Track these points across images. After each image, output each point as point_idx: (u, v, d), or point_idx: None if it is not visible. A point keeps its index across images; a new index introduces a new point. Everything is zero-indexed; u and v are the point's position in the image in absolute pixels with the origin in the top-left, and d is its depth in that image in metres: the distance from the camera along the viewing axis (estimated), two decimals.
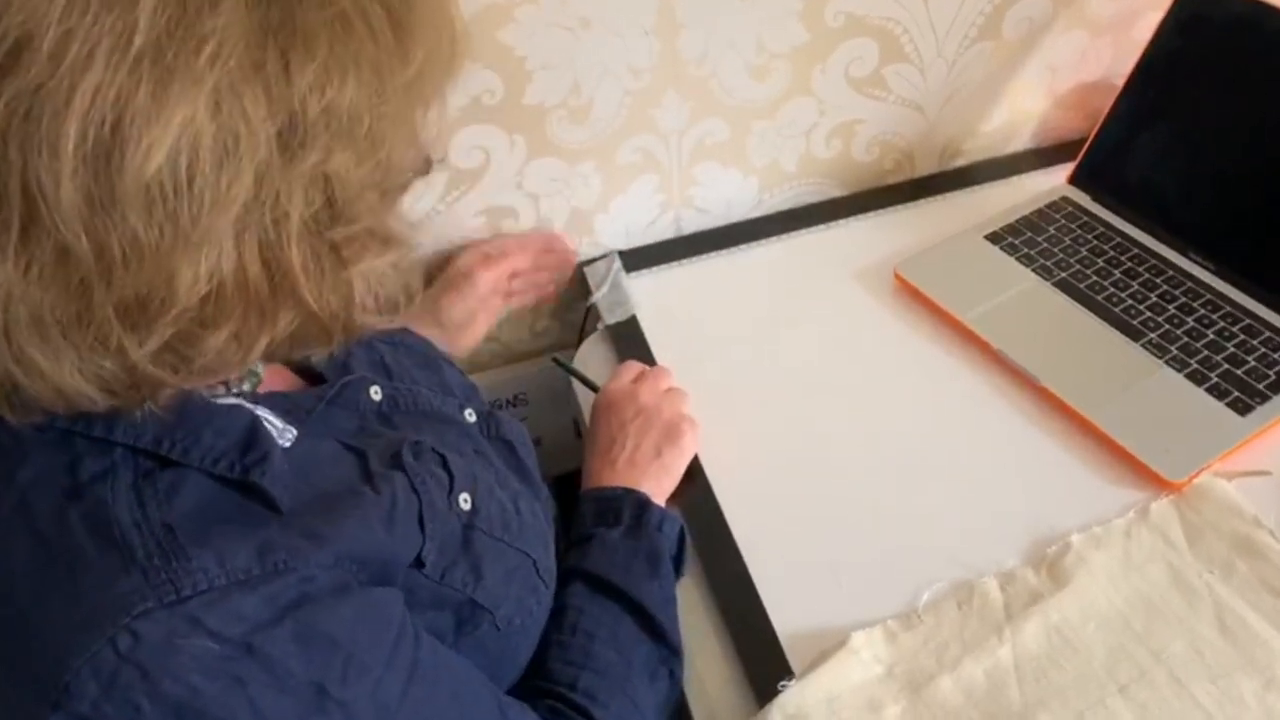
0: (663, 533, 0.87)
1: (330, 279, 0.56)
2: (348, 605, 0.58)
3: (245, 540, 0.56)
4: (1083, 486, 0.93)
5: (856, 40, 1.17)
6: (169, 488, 0.56)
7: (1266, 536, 0.85)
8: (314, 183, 0.53)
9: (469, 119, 1.07)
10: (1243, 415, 0.94)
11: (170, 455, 0.57)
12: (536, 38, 1.03)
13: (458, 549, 0.69)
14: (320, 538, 0.59)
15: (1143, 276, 1.09)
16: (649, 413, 0.96)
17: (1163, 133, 1.15)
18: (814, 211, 1.28)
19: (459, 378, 0.91)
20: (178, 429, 0.58)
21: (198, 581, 0.53)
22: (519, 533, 0.75)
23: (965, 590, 0.84)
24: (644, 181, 1.22)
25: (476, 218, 1.16)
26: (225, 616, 0.53)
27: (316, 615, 0.56)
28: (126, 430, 0.57)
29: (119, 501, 0.55)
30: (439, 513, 0.68)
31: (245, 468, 0.59)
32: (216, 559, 0.54)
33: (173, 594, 0.52)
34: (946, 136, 1.32)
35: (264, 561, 0.56)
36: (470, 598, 0.69)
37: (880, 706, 0.78)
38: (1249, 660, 0.78)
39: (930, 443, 0.98)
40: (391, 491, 0.66)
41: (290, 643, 0.55)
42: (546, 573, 0.78)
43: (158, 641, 0.51)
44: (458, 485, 0.71)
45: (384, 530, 0.63)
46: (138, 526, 0.54)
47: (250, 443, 0.60)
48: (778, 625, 0.85)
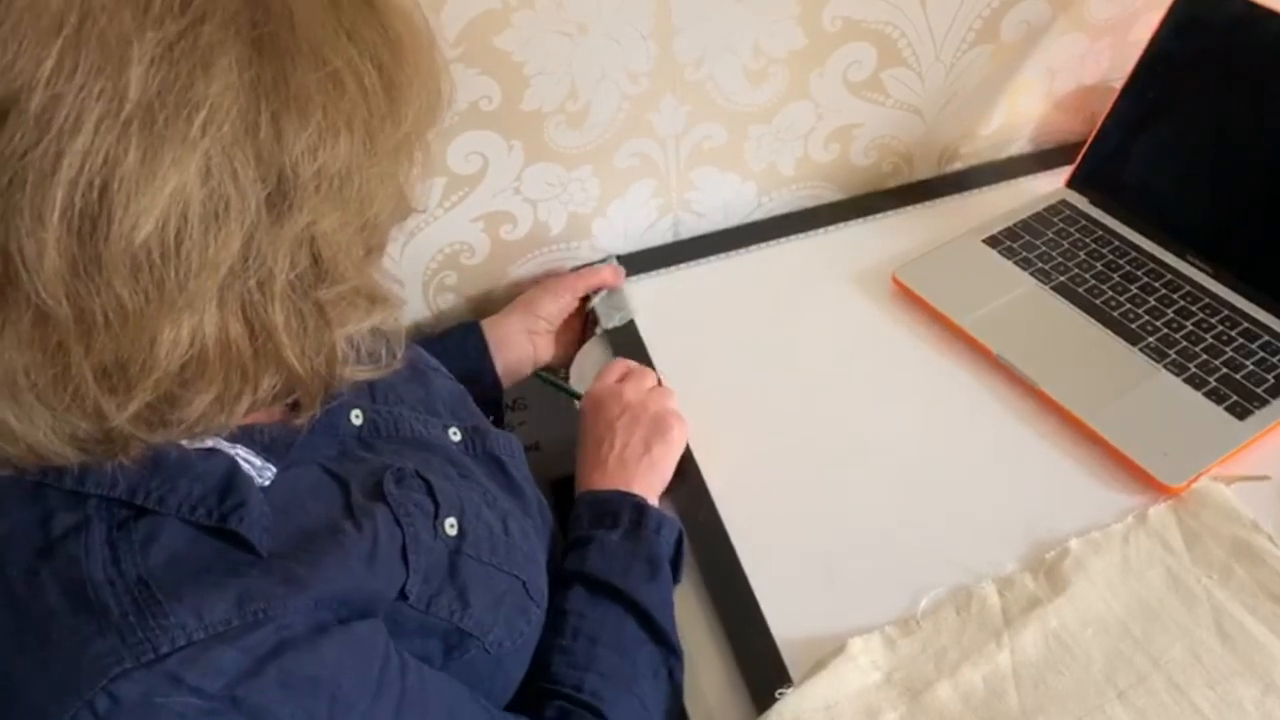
0: (660, 536, 0.87)
1: (314, 339, 0.55)
2: (328, 645, 0.58)
3: (223, 590, 0.55)
4: (1081, 491, 0.93)
5: (854, 44, 1.17)
6: (145, 537, 0.55)
7: (1265, 541, 0.85)
8: (301, 244, 0.52)
9: (467, 125, 1.07)
10: (1241, 419, 0.94)
11: (146, 505, 0.56)
12: (533, 43, 1.03)
13: (444, 577, 0.69)
14: (299, 582, 0.58)
15: (1141, 280, 1.09)
16: (635, 409, 0.96)
17: (1161, 136, 1.15)
18: (812, 215, 1.28)
19: (448, 388, 0.90)
20: (153, 478, 0.57)
21: (175, 638, 0.52)
22: (507, 555, 0.74)
23: (963, 596, 0.84)
24: (642, 186, 1.22)
25: (474, 223, 1.16)
26: (205, 671, 0.52)
27: (298, 659, 0.56)
28: (99, 481, 0.55)
29: (92, 558, 0.54)
30: (423, 544, 0.67)
31: (223, 515, 0.57)
32: (194, 613, 0.53)
33: (150, 653, 0.51)
34: (945, 140, 1.32)
35: (243, 612, 0.54)
36: (457, 626, 0.68)
37: (878, 713, 0.78)
38: (1248, 665, 0.78)
39: (928, 447, 0.98)
40: (374, 528, 0.64)
41: (274, 690, 0.54)
42: (537, 593, 0.77)
43: (136, 701, 0.50)
44: (443, 510, 0.70)
45: (365, 569, 0.62)
46: (111, 584, 0.53)
47: (228, 488, 0.58)
48: (776, 632, 0.84)
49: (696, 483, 0.97)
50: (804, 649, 0.83)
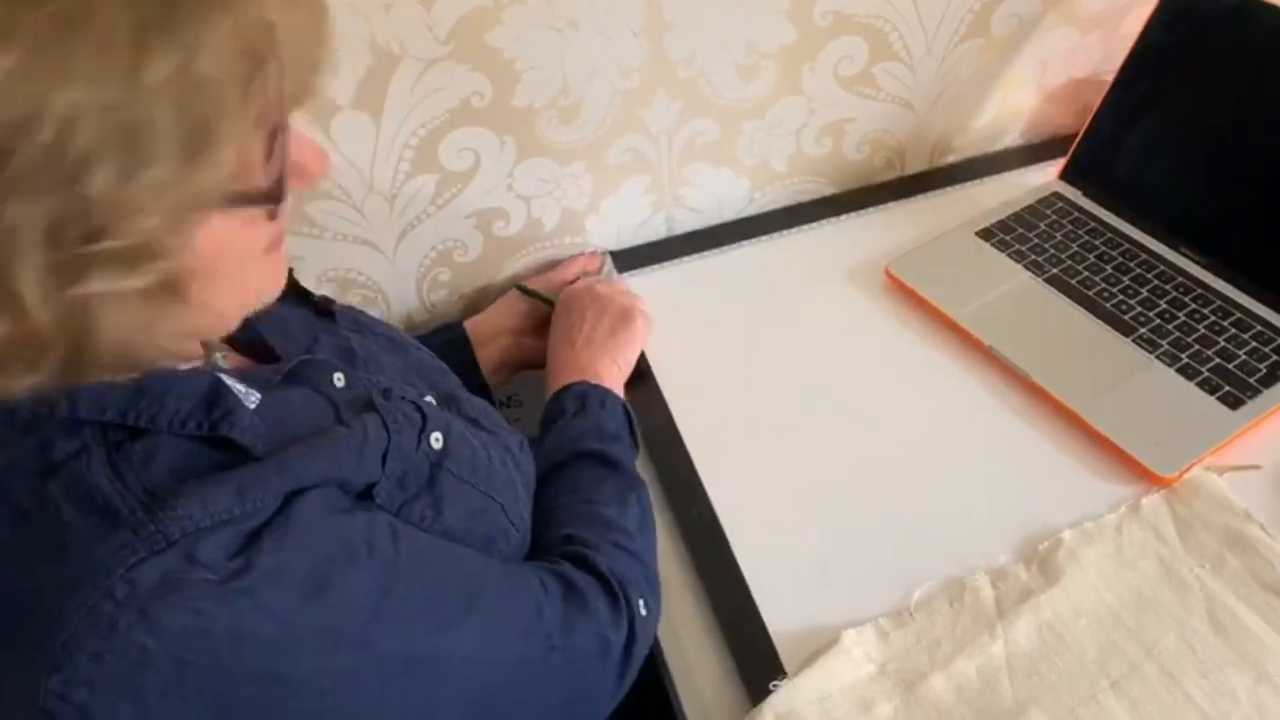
0: (605, 409, 0.93)
1: (52, 295, 0.50)
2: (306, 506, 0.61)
3: (225, 484, 0.57)
4: (1074, 482, 0.93)
5: (845, 39, 1.17)
6: (144, 456, 0.57)
7: (1257, 531, 0.85)
8: (47, 188, 0.47)
9: (458, 121, 1.07)
10: (1234, 409, 0.94)
11: (138, 424, 0.58)
12: (525, 39, 1.03)
13: (422, 485, 0.71)
14: (294, 470, 0.61)
15: (1134, 271, 1.09)
16: (604, 300, 1.07)
17: (1153, 127, 1.15)
18: (805, 210, 1.28)
19: (428, 360, 0.93)
20: (141, 399, 0.58)
21: (185, 525, 0.54)
22: (487, 477, 0.76)
23: (957, 588, 0.84)
24: (634, 182, 1.22)
25: (467, 220, 1.16)
26: (214, 550, 0.55)
27: (299, 522, 0.59)
28: (90, 407, 0.57)
29: (96, 473, 0.56)
30: (404, 453, 0.70)
31: (214, 424, 0.60)
32: (200, 504, 0.55)
33: (162, 541, 0.53)
34: (937, 134, 1.32)
35: (244, 501, 0.57)
36: (427, 531, 0.70)
37: (872, 705, 0.78)
38: (1240, 655, 0.78)
39: (922, 440, 0.98)
40: (363, 426, 0.68)
41: (282, 542, 0.58)
42: (516, 516, 0.79)
43: (155, 583, 0.53)
44: (430, 424, 0.73)
45: (355, 459, 0.66)
46: (120, 493, 0.55)
47: (214, 400, 0.60)
48: (770, 624, 0.85)
49: (690, 476, 0.97)
50: (798, 641, 0.83)
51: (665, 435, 1.01)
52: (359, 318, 0.91)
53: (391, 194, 1.10)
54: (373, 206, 1.10)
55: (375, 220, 1.12)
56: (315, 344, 0.80)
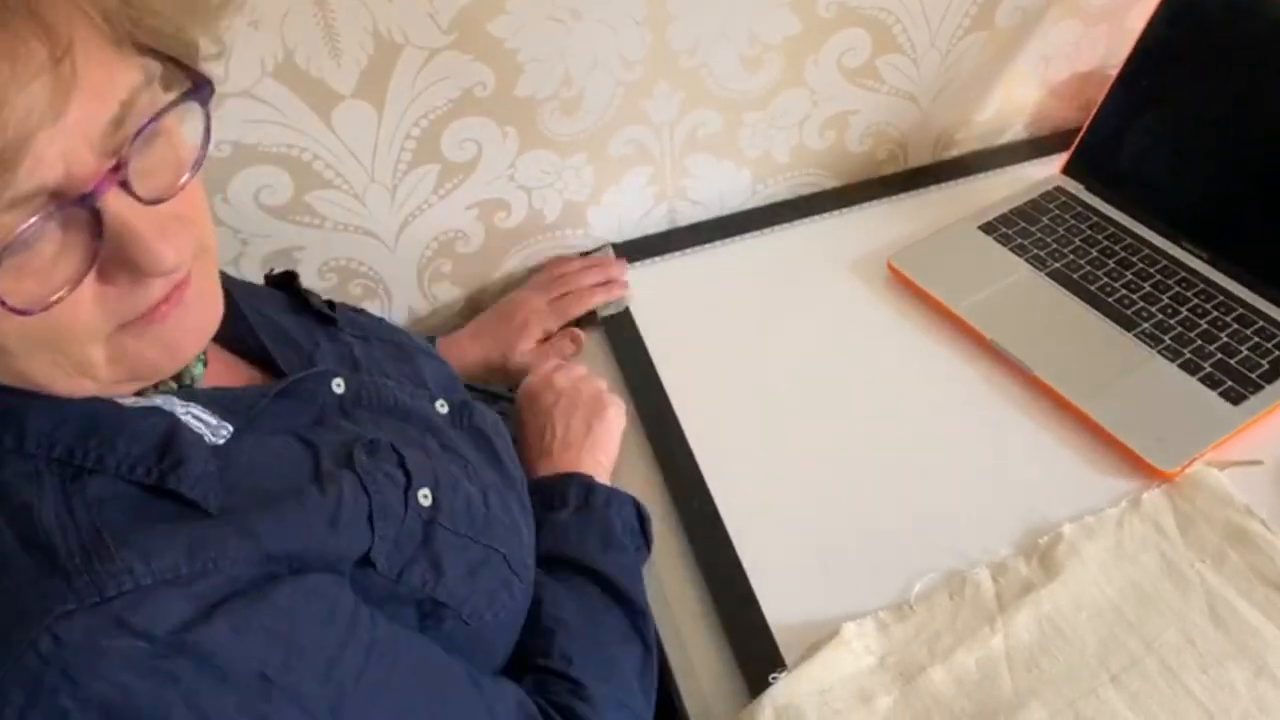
0: (610, 509, 0.87)
1: None
2: (282, 593, 0.57)
3: (174, 539, 0.54)
4: (1075, 476, 0.93)
5: (849, 30, 1.16)
6: (97, 498, 0.55)
7: (1258, 526, 0.85)
8: None
9: (460, 112, 1.07)
10: (1236, 404, 0.94)
11: (85, 465, 0.55)
12: (527, 30, 1.03)
13: (417, 546, 0.68)
14: (253, 534, 0.57)
15: (1136, 266, 1.09)
16: (569, 394, 0.98)
17: (1156, 122, 1.15)
18: (807, 203, 1.28)
19: (437, 368, 0.90)
20: (90, 438, 0.56)
21: (122, 582, 0.51)
22: (485, 527, 0.74)
23: (957, 580, 0.84)
24: (637, 173, 1.22)
25: (469, 210, 1.16)
26: (152, 615, 0.51)
27: (251, 606, 0.55)
28: (39, 441, 0.55)
29: (45, 505, 0.53)
30: (392, 512, 0.67)
31: (162, 474, 0.57)
32: (142, 559, 0.52)
33: (95, 595, 0.50)
34: (940, 127, 1.32)
35: (193, 560, 0.54)
36: (430, 595, 0.68)
37: (872, 697, 0.78)
38: (1240, 649, 0.78)
39: (923, 433, 0.98)
40: (338, 492, 0.64)
41: (225, 635, 0.53)
42: (520, 565, 0.76)
43: (80, 643, 0.50)
44: (416, 482, 0.70)
45: (327, 529, 0.62)
46: (63, 530, 0.52)
47: (167, 447, 0.58)
48: (770, 617, 0.85)
49: (691, 469, 0.97)
50: (798, 634, 0.83)
51: (666, 427, 1.01)
52: (363, 323, 0.89)
53: (393, 184, 1.10)
54: (374, 196, 1.10)
55: (377, 210, 1.12)
56: (316, 350, 0.78)
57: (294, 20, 0.95)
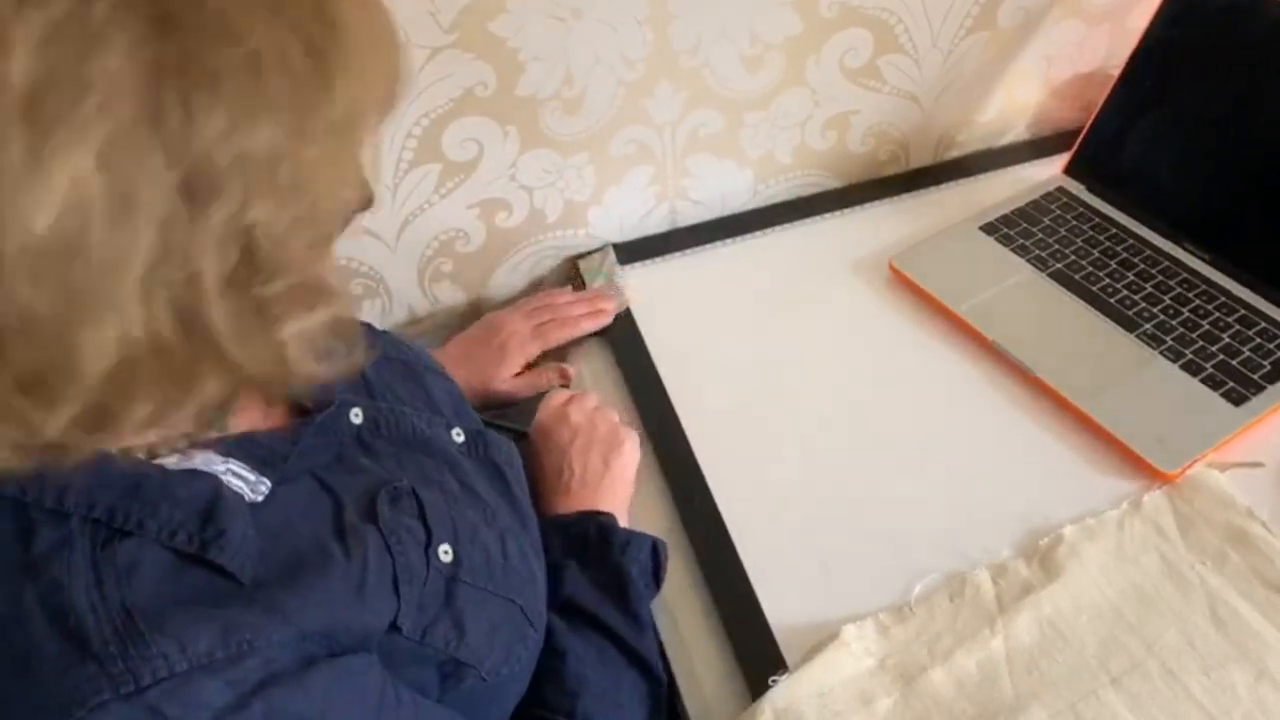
0: (627, 555, 0.85)
1: (260, 338, 0.51)
2: (317, 679, 0.56)
3: (208, 621, 0.53)
4: (1076, 478, 0.92)
5: (851, 30, 1.16)
6: (129, 564, 0.53)
7: (1259, 528, 0.85)
8: (230, 236, 0.47)
9: (461, 111, 1.07)
10: (1237, 406, 0.94)
11: (125, 528, 0.54)
12: (528, 29, 1.03)
13: (439, 605, 0.67)
14: (285, 613, 0.56)
15: (1138, 267, 1.08)
16: (586, 430, 0.95)
17: (1158, 123, 1.14)
18: (809, 203, 1.28)
19: (447, 389, 0.88)
20: (133, 500, 0.55)
21: (157, 669, 0.50)
22: (505, 580, 0.73)
23: (957, 582, 0.84)
24: (638, 173, 1.21)
25: (470, 210, 1.16)
26: (188, 704, 0.51)
27: (286, 694, 0.54)
28: (78, 501, 0.54)
29: (76, 582, 0.52)
30: (415, 572, 0.66)
31: (204, 544, 0.56)
32: (177, 644, 0.51)
33: (131, 684, 0.49)
34: (942, 127, 1.32)
35: (227, 643, 0.53)
36: (453, 656, 0.67)
37: (872, 699, 0.78)
38: (1241, 651, 0.78)
39: (924, 434, 0.98)
40: (363, 555, 0.63)
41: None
42: (535, 616, 0.75)
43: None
44: (436, 538, 0.69)
45: (354, 599, 0.61)
46: (94, 611, 0.51)
47: (210, 514, 0.57)
48: (772, 618, 0.84)
49: (692, 469, 0.97)
50: (799, 635, 0.83)
51: (667, 428, 1.01)
52: (374, 338, 0.87)
53: (394, 183, 1.10)
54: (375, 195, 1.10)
55: (377, 209, 1.11)
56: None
57: None
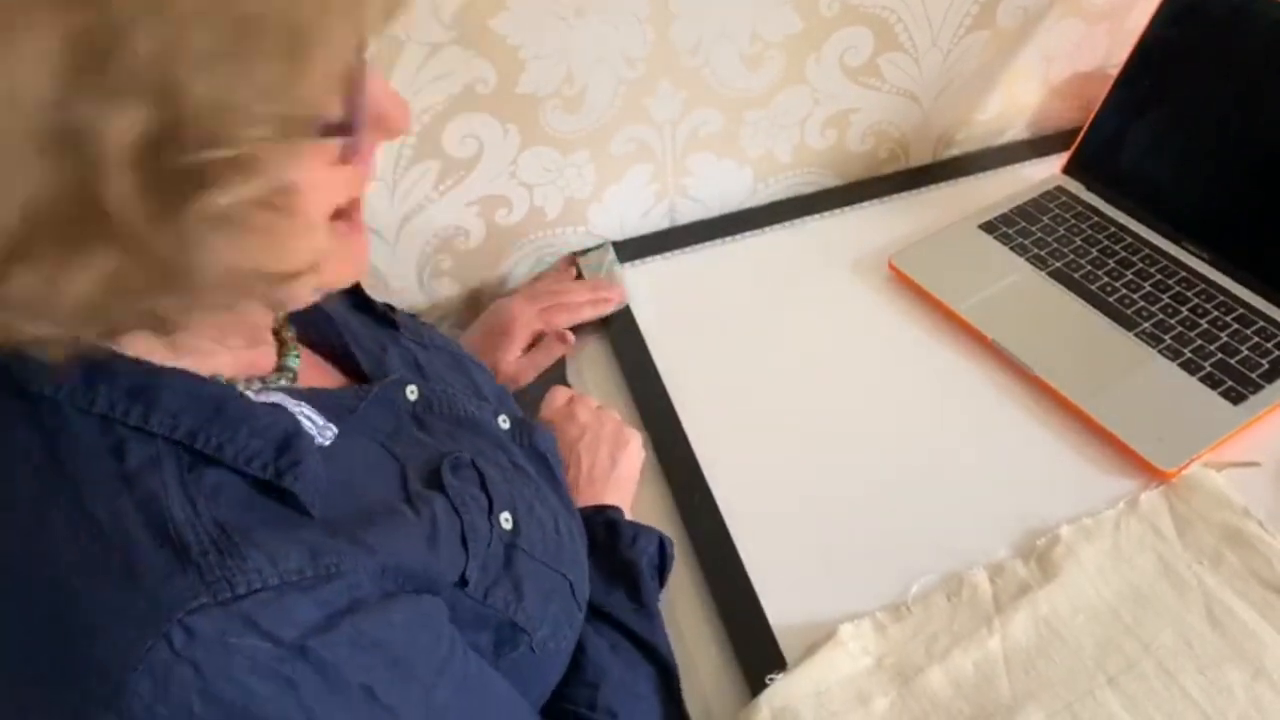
0: (636, 548, 0.86)
1: (162, 214, 0.45)
2: (398, 611, 0.57)
3: (297, 543, 0.54)
4: (1075, 476, 0.93)
5: (851, 29, 1.16)
6: (214, 487, 0.54)
7: (1256, 528, 0.85)
8: (146, 92, 0.42)
9: (462, 108, 1.07)
10: (1236, 404, 0.95)
11: (205, 450, 0.55)
12: (530, 26, 1.03)
13: (500, 568, 0.68)
14: (368, 546, 0.57)
15: (1136, 266, 1.09)
16: (593, 428, 0.96)
17: (1157, 122, 1.15)
18: (808, 202, 1.28)
19: (490, 381, 0.89)
20: (215, 422, 0.56)
21: (252, 580, 0.51)
22: (557, 554, 0.74)
23: (954, 582, 0.84)
24: (638, 171, 1.22)
25: (470, 207, 1.16)
26: (279, 618, 0.51)
27: (369, 620, 0.55)
28: (163, 420, 0.55)
29: (171, 496, 0.53)
30: (480, 533, 0.67)
31: (279, 471, 0.56)
32: (269, 559, 0.52)
33: (228, 591, 0.50)
34: (941, 126, 1.32)
35: (316, 564, 0.54)
36: (511, 619, 0.67)
37: (869, 698, 0.78)
38: (1237, 651, 0.78)
39: (923, 433, 0.98)
40: (431, 513, 0.64)
41: (344, 647, 0.54)
42: (581, 596, 0.76)
43: (212, 639, 0.50)
44: (497, 505, 0.70)
45: (427, 548, 0.62)
46: (192, 525, 0.52)
47: (287, 444, 0.57)
48: (771, 616, 0.85)
49: (692, 467, 0.97)
50: (799, 633, 0.83)
51: (666, 425, 1.01)
52: (419, 329, 0.88)
53: (394, 180, 1.10)
54: (375, 192, 1.10)
55: (377, 206, 1.12)
56: (385, 354, 0.78)
57: None
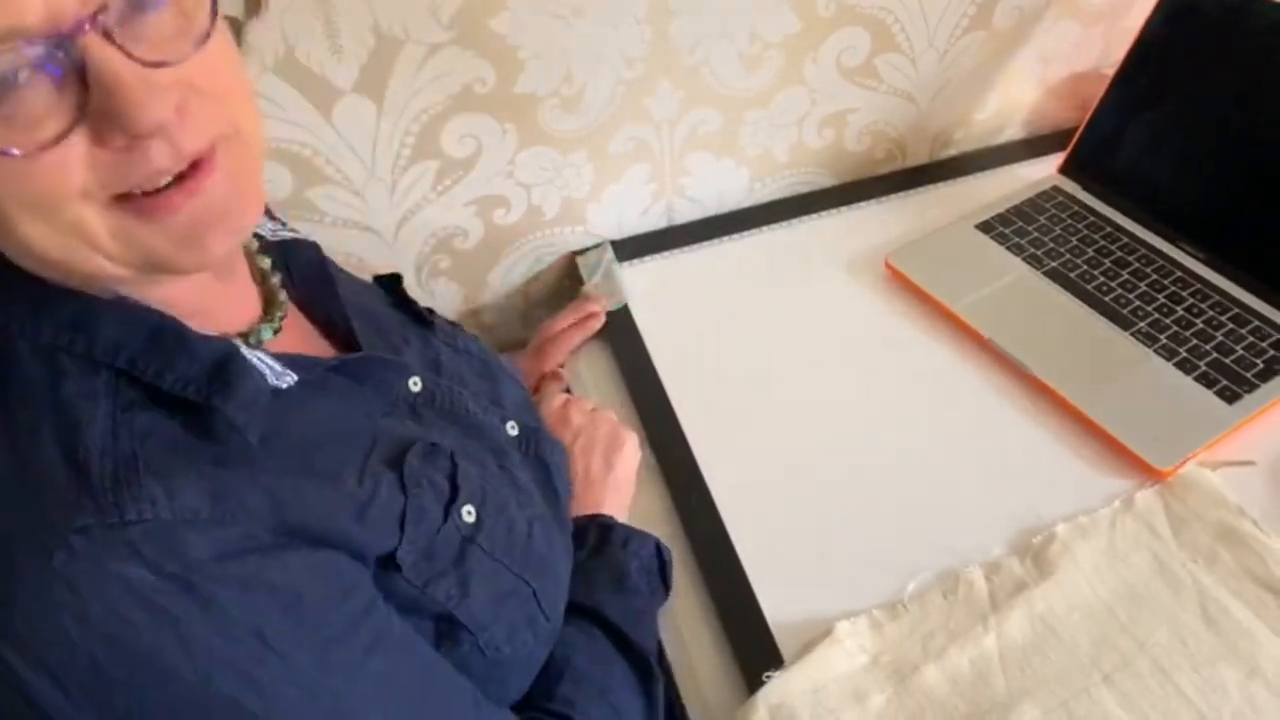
0: (628, 550, 0.86)
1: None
2: (295, 560, 0.57)
3: (204, 480, 0.55)
4: (1071, 475, 0.93)
5: (848, 29, 1.17)
6: (145, 430, 0.55)
7: (1250, 526, 0.85)
8: None
9: (460, 107, 1.07)
10: (1230, 404, 0.95)
11: (144, 377, 0.56)
12: (528, 26, 1.03)
13: (449, 561, 0.67)
14: (279, 500, 0.57)
15: (1132, 265, 1.09)
16: (588, 430, 0.96)
17: (1153, 122, 1.15)
18: (806, 201, 1.28)
19: (517, 394, 0.90)
20: (152, 351, 0.57)
21: (143, 510, 0.52)
22: (522, 558, 0.73)
23: (951, 580, 0.85)
24: (636, 171, 1.22)
25: (468, 207, 1.17)
26: (165, 550, 0.52)
27: (262, 564, 0.55)
28: (106, 349, 0.56)
29: (92, 428, 0.54)
30: (429, 519, 0.66)
31: (210, 393, 0.57)
32: (166, 493, 0.53)
33: (116, 516, 0.51)
34: (938, 126, 1.33)
35: (214, 507, 0.54)
36: (450, 612, 0.67)
37: (865, 696, 0.78)
38: (1232, 649, 0.78)
39: (919, 431, 0.99)
40: (374, 487, 0.64)
41: (232, 586, 0.54)
42: (549, 606, 0.75)
43: (91, 561, 0.50)
44: (462, 498, 0.69)
45: (353, 518, 0.61)
46: (103, 453, 0.53)
47: (221, 368, 0.58)
48: (769, 614, 0.85)
49: (690, 466, 0.97)
50: (797, 631, 0.83)
51: (664, 424, 1.02)
52: (456, 335, 0.89)
53: (392, 180, 1.10)
54: (373, 192, 1.10)
55: (376, 206, 1.12)
56: (405, 346, 0.78)
57: (295, 15, 0.95)
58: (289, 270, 0.75)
